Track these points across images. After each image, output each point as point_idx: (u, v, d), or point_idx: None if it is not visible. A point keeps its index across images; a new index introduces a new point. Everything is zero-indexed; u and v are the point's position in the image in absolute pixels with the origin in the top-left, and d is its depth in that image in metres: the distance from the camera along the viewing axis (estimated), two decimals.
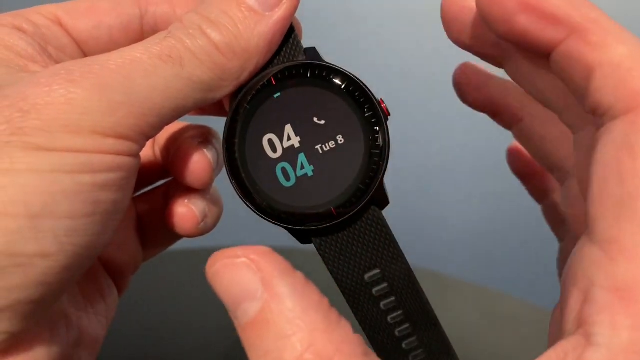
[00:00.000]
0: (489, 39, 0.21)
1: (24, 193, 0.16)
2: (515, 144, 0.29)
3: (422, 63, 0.82)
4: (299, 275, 0.17)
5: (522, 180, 0.31)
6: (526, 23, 0.18)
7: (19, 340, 0.18)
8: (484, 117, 0.29)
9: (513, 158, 0.31)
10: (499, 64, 0.22)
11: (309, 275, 0.19)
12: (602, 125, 0.17)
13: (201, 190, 0.24)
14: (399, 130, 0.29)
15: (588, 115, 0.18)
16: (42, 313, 0.19)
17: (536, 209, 0.35)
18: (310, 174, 0.21)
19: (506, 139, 0.32)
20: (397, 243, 0.23)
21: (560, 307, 0.18)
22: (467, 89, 0.28)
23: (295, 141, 0.21)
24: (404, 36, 0.81)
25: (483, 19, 0.19)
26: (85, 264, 0.19)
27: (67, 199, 0.17)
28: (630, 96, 0.16)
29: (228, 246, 0.18)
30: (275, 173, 0.21)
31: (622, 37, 0.17)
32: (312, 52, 0.22)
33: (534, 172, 0.30)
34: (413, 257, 0.33)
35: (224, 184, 0.22)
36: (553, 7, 0.18)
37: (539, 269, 0.20)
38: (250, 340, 0.16)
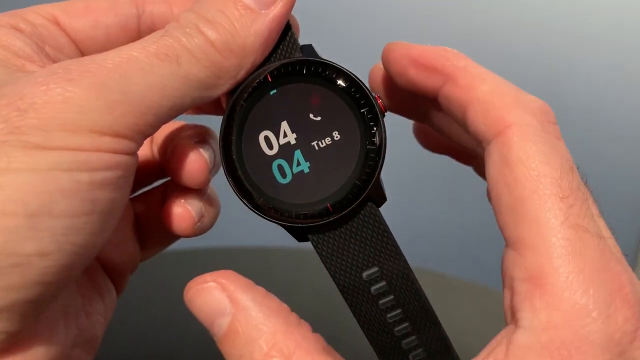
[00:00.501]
0: (407, 102, 0.26)
1: (21, 192, 0.16)
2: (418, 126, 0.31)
3: None
4: (260, 289, 0.21)
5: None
6: (415, 74, 0.23)
7: (18, 340, 0.18)
8: None
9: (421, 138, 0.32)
10: (422, 120, 0.27)
11: (305, 275, 0.20)
12: (484, 150, 0.21)
13: (198, 190, 0.24)
14: (400, 127, 0.29)
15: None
16: (40, 312, 0.19)
17: None
18: (306, 170, 0.21)
19: None
20: (395, 240, 0.23)
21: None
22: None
23: (292, 138, 0.21)
24: (400, 33, 0.81)
25: (390, 75, 0.24)
26: (83, 263, 0.19)
27: (65, 197, 0.17)
28: (496, 122, 0.20)
29: (227, 246, 0.19)
30: (271, 170, 0.21)
31: (485, 78, 0.21)
32: (309, 49, 0.22)
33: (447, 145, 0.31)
34: (413, 256, 0.33)
35: (222, 184, 0.22)
36: (431, 60, 0.22)
37: None
38: (226, 350, 0.20)
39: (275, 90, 0.21)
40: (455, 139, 0.26)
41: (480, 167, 0.30)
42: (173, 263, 0.53)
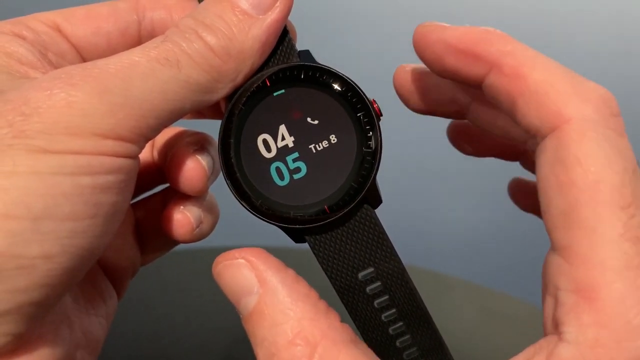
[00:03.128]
0: (443, 99, 0.24)
1: (26, 195, 0.16)
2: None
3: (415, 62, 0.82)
4: (290, 271, 0.20)
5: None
6: (454, 62, 0.20)
7: (23, 342, 0.18)
8: None
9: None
10: (461, 117, 0.24)
11: (304, 275, 0.20)
12: (537, 145, 0.19)
13: (197, 197, 0.25)
14: (397, 129, 0.29)
15: None
16: (45, 314, 0.19)
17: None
18: (303, 173, 0.22)
19: None
20: (390, 242, 0.23)
21: (543, 313, 0.19)
22: (409, 96, 0.27)
23: (289, 141, 0.22)
24: (395, 38, 0.81)
25: (424, 63, 0.22)
26: (86, 265, 0.19)
27: (69, 200, 0.17)
28: (551, 116, 0.18)
29: (227, 247, 0.20)
30: (269, 172, 0.22)
31: (536, 64, 0.19)
32: (306, 54, 0.22)
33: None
34: (413, 257, 0.33)
35: (222, 184, 0.23)
36: (471, 45, 0.20)
37: (539, 269, 0.20)
38: (250, 330, 0.19)
39: (273, 95, 0.22)
40: (501, 133, 0.23)
41: (528, 162, 0.29)
42: (173, 263, 0.53)
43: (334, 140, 0.22)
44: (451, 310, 0.55)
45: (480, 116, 0.24)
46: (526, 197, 0.29)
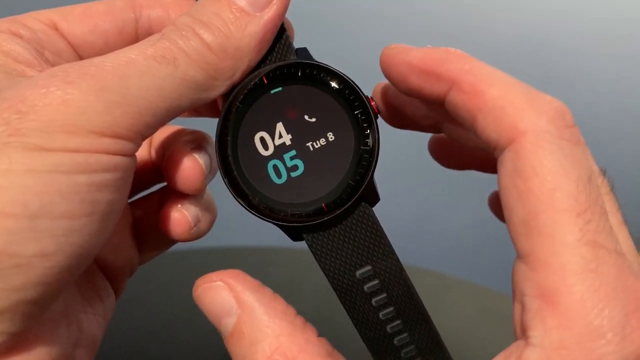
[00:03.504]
0: (418, 114, 0.25)
1: (23, 193, 0.16)
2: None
3: None
4: (267, 290, 0.21)
5: None
6: (417, 82, 0.21)
7: (20, 340, 0.18)
8: None
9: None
10: (438, 131, 0.25)
11: (302, 274, 0.20)
12: (497, 158, 0.20)
13: (194, 196, 0.25)
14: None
15: None
16: (42, 313, 0.19)
17: None
18: (301, 171, 0.22)
19: None
20: (387, 240, 0.23)
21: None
22: (386, 112, 0.27)
23: (287, 139, 0.22)
24: (393, 36, 0.81)
25: (390, 82, 0.23)
26: (83, 263, 0.19)
27: (65, 199, 0.17)
28: (508, 130, 0.19)
29: (226, 247, 0.20)
30: (266, 170, 0.22)
31: (493, 80, 0.20)
32: (303, 52, 0.22)
33: None
34: (413, 256, 0.33)
35: (220, 184, 0.23)
36: (433, 65, 0.21)
37: None
38: (231, 350, 0.20)
39: (270, 92, 0.22)
40: (476, 145, 0.24)
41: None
42: (172, 263, 0.53)
43: (331, 138, 0.22)
44: (451, 310, 0.55)
45: (453, 130, 0.25)
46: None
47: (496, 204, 0.29)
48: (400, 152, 0.67)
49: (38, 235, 0.17)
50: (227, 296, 0.20)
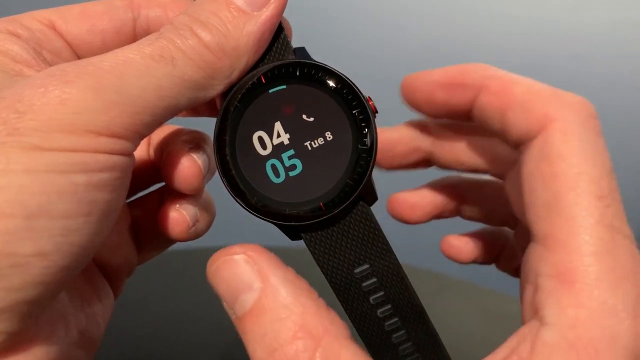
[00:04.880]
0: (407, 150, 0.28)
1: (20, 193, 0.16)
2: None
3: (411, 61, 0.82)
4: (290, 269, 0.20)
5: None
6: (443, 96, 0.23)
7: (18, 340, 0.18)
8: None
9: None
10: (426, 164, 0.29)
11: (300, 273, 0.20)
12: (522, 152, 0.21)
13: (193, 195, 0.25)
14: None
15: (511, 157, 0.23)
16: (40, 313, 0.19)
17: None
18: (299, 170, 0.22)
19: None
20: (385, 238, 0.23)
21: (520, 304, 0.21)
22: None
23: (285, 138, 0.22)
24: (391, 36, 0.81)
25: (414, 107, 0.25)
26: (81, 263, 0.19)
27: (63, 198, 0.17)
28: (536, 120, 0.20)
29: (224, 247, 0.19)
30: (265, 170, 0.22)
31: (517, 80, 0.22)
32: (301, 51, 0.22)
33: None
34: (412, 256, 0.33)
35: (219, 183, 0.23)
36: (458, 76, 0.23)
37: None
38: (248, 327, 0.19)
39: (268, 91, 0.22)
40: (465, 168, 0.26)
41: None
42: (171, 263, 0.53)
43: (329, 137, 0.22)
44: (451, 310, 0.55)
45: (444, 156, 0.27)
46: (460, 251, 0.32)
47: (450, 248, 0.33)
48: None
49: (36, 235, 0.17)
50: (249, 270, 0.19)
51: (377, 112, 0.22)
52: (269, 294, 0.19)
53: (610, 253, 0.18)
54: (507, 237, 0.31)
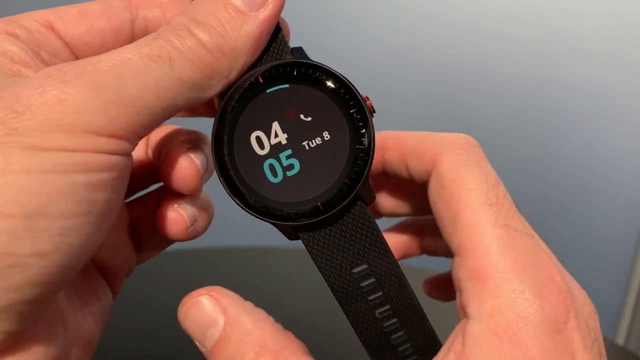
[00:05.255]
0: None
1: (19, 193, 0.16)
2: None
3: (410, 62, 0.82)
4: (248, 302, 0.22)
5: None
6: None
7: (17, 340, 0.18)
8: (478, 116, 0.30)
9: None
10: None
11: (300, 274, 0.20)
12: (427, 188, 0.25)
13: (191, 195, 0.25)
14: (391, 126, 0.30)
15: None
16: (39, 312, 0.19)
17: (535, 208, 0.35)
18: (297, 170, 0.22)
19: (504, 135, 0.33)
20: (383, 238, 0.23)
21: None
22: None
23: (282, 138, 0.22)
24: (389, 36, 0.81)
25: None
26: (80, 263, 0.19)
27: (62, 198, 0.17)
28: (429, 159, 0.24)
29: (224, 247, 0.20)
30: (262, 169, 0.22)
31: (407, 135, 0.26)
32: (299, 51, 0.22)
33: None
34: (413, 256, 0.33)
35: (218, 184, 0.23)
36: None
37: None
38: (217, 357, 0.21)
39: (266, 92, 0.22)
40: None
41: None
42: (170, 263, 0.53)
43: (327, 137, 0.22)
44: (450, 310, 0.55)
45: (386, 206, 0.32)
46: (440, 289, 0.35)
47: (432, 288, 0.35)
48: None
49: (35, 235, 0.17)
50: (213, 307, 0.22)
51: (374, 111, 0.22)
52: (232, 324, 0.21)
53: (510, 248, 0.21)
54: None
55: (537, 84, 0.89)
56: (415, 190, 0.31)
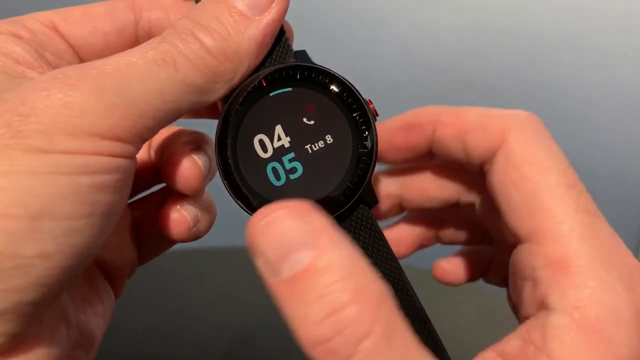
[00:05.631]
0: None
1: (23, 195, 0.17)
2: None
3: (410, 64, 0.82)
4: (343, 232, 0.18)
5: None
6: (402, 138, 0.26)
7: (20, 341, 0.18)
8: None
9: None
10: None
11: None
12: (486, 171, 0.23)
13: (193, 196, 0.25)
14: None
15: (474, 182, 0.26)
16: (42, 314, 0.19)
17: None
18: (300, 173, 0.22)
19: None
20: (387, 242, 0.23)
21: (513, 302, 0.23)
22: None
23: (285, 141, 0.22)
24: (391, 39, 0.81)
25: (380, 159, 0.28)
26: (83, 264, 0.19)
27: (66, 200, 0.17)
28: (495, 136, 0.23)
29: (224, 247, 0.19)
30: (266, 172, 0.22)
31: (467, 109, 0.24)
32: (302, 54, 0.23)
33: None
34: (412, 256, 0.33)
35: (220, 185, 0.23)
36: (411, 119, 0.26)
37: None
38: (300, 289, 0.16)
39: (269, 95, 0.22)
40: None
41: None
42: (172, 263, 0.53)
43: (330, 140, 0.22)
44: (450, 310, 0.55)
45: (413, 196, 0.30)
46: (453, 274, 0.33)
47: (441, 271, 0.34)
48: None
49: (38, 236, 0.17)
50: (304, 227, 0.17)
51: (377, 115, 0.22)
52: (329, 254, 0.16)
53: (594, 235, 0.20)
54: (491, 252, 0.32)
55: (537, 83, 0.89)
56: (459, 177, 0.29)
